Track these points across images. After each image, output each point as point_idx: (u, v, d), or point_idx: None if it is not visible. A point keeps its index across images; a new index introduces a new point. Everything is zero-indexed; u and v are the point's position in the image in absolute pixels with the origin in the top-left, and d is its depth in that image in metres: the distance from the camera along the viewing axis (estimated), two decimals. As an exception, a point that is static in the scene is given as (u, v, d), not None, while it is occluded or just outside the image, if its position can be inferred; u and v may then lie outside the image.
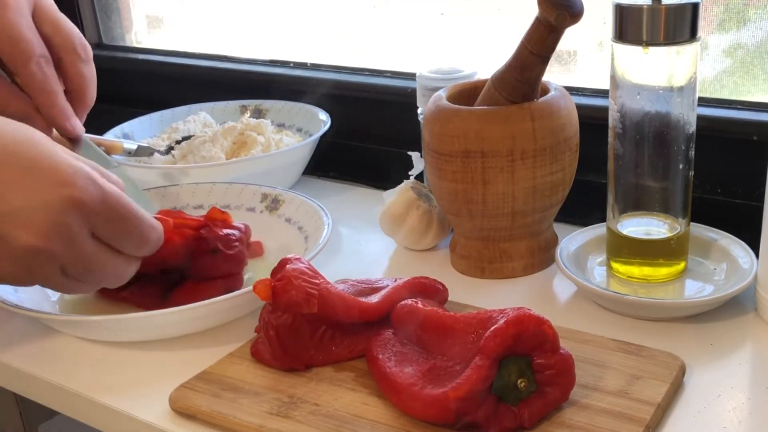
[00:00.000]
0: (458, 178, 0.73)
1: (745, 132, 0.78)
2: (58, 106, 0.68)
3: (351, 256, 0.85)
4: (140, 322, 0.68)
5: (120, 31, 1.35)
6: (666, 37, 0.64)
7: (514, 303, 0.64)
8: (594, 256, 0.76)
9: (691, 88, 0.67)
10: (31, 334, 0.73)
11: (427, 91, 0.85)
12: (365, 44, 1.12)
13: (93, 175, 0.54)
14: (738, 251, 0.73)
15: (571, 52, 0.96)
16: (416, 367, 0.58)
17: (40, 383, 0.68)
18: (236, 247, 0.72)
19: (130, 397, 0.63)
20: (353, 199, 1.00)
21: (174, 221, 0.71)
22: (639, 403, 0.56)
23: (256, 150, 0.96)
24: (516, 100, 0.73)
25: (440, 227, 0.83)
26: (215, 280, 0.72)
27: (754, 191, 0.79)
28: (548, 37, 0.69)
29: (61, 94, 0.69)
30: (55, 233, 0.53)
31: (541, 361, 0.55)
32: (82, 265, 0.56)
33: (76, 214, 0.53)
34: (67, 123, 0.69)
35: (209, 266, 0.72)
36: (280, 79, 1.12)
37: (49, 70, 0.68)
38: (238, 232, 0.73)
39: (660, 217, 0.71)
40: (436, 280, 0.69)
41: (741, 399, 0.58)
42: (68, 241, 0.54)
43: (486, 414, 0.54)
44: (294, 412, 0.58)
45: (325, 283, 0.63)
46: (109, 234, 0.56)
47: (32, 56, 0.66)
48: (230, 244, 0.72)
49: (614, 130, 0.70)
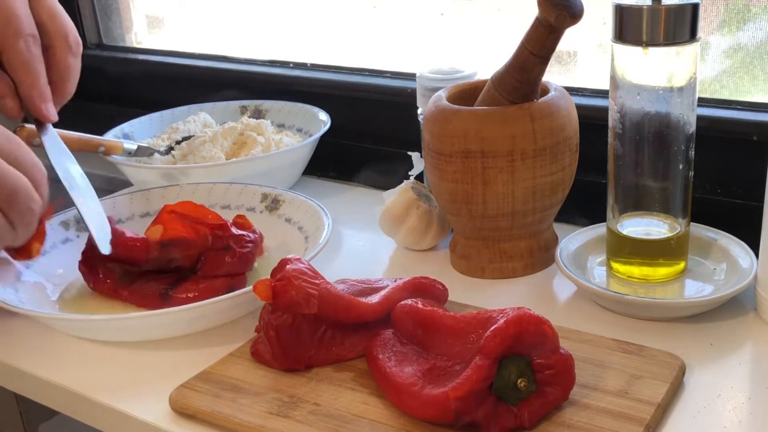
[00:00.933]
0: (458, 178, 0.73)
1: (745, 132, 0.78)
2: (38, 87, 0.68)
3: (351, 256, 0.85)
4: (140, 322, 0.68)
5: (120, 31, 1.35)
6: (666, 37, 0.64)
7: (514, 303, 0.64)
8: (594, 256, 0.76)
9: (691, 88, 0.67)
10: (31, 334, 0.73)
11: (427, 91, 0.85)
12: (365, 44, 1.12)
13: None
14: (738, 251, 0.73)
15: (571, 53, 0.96)
16: (416, 367, 0.58)
17: (40, 383, 0.68)
18: (248, 247, 0.74)
19: (130, 397, 0.63)
20: (353, 199, 1.00)
21: (191, 216, 0.73)
22: (639, 403, 0.56)
23: (256, 150, 0.96)
24: (516, 101, 0.73)
25: (440, 227, 0.83)
26: (219, 278, 0.72)
27: (754, 191, 0.79)
28: (548, 37, 0.69)
29: (43, 76, 0.69)
30: None
31: (541, 360, 0.55)
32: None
33: None
34: (44, 105, 0.69)
35: (217, 263, 0.73)
36: (280, 79, 1.12)
37: (36, 50, 0.67)
38: (253, 234, 0.75)
39: (660, 217, 0.71)
40: (436, 280, 0.69)
41: (741, 399, 0.58)
42: None
43: (486, 414, 0.54)
44: (294, 412, 0.58)
45: (325, 284, 0.63)
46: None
47: (21, 34, 0.66)
48: (242, 242, 0.74)
49: (614, 131, 0.70)
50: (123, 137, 1.03)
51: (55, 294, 0.77)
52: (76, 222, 0.84)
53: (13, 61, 0.67)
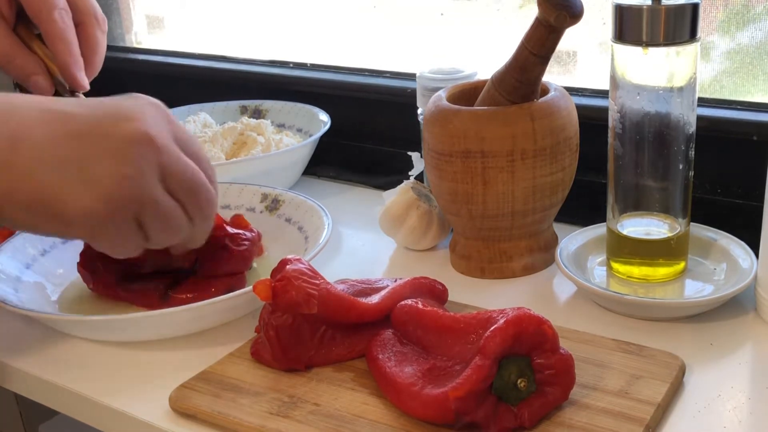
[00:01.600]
0: (458, 178, 0.73)
1: (745, 132, 0.78)
2: (74, 55, 0.70)
3: (351, 256, 0.85)
4: (140, 322, 0.68)
5: (120, 31, 1.35)
6: (666, 37, 0.64)
7: (514, 303, 0.64)
8: (594, 256, 0.76)
9: (691, 88, 0.67)
10: (31, 334, 0.73)
11: (427, 91, 0.85)
12: (365, 44, 1.12)
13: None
14: (738, 251, 0.73)
15: (571, 53, 0.96)
16: (416, 367, 0.58)
17: (40, 383, 0.68)
18: (244, 245, 0.74)
19: (130, 397, 0.63)
20: (353, 199, 1.00)
21: None
22: (639, 403, 0.56)
23: (256, 150, 0.96)
24: (516, 101, 0.73)
25: (440, 227, 0.83)
26: (218, 278, 0.72)
27: (754, 191, 0.79)
28: (548, 37, 0.69)
29: (77, 45, 0.71)
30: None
31: (541, 361, 0.55)
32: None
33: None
34: (79, 74, 0.70)
35: (215, 262, 0.73)
36: (280, 79, 1.12)
37: (69, 22, 0.70)
38: (250, 233, 0.75)
39: (660, 217, 0.71)
40: (436, 280, 0.69)
41: (741, 399, 0.58)
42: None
43: (486, 414, 0.54)
44: (294, 412, 0.58)
45: (325, 284, 0.63)
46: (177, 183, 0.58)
47: (56, 6, 0.69)
48: (239, 241, 0.74)
49: (614, 131, 0.70)
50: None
51: (55, 294, 0.77)
52: (76, 222, 0.84)
53: (50, 32, 0.69)
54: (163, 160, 0.56)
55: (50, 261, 0.79)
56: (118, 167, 0.54)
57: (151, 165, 0.55)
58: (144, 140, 0.55)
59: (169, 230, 0.59)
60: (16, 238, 0.79)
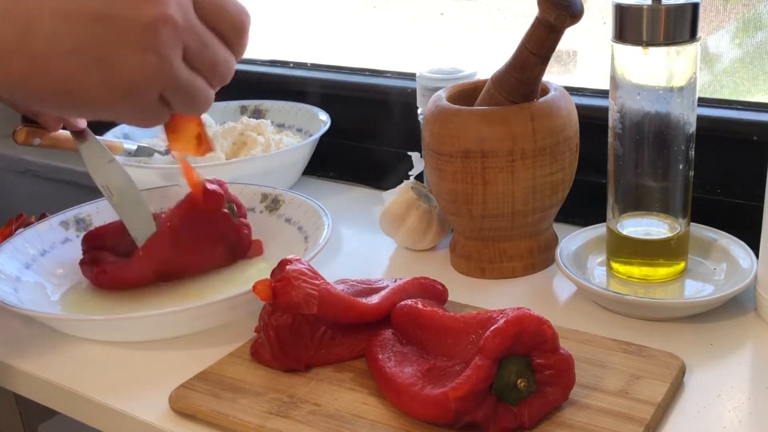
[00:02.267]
0: (458, 178, 0.73)
1: (745, 132, 0.78)
2: None
3: (351, 256, 0.85)
4: (140, 322, 0.68)
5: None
6: (666, 37, 0.64)
7: (514, 303, 0.64)
8: (594, 256, 0.76)
9: (691, 88, 0.67)
10: (30, 334, 0.73)
11: (427, 91, 0.85)
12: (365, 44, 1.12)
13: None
14: (738, 251, 0.73)
15: (571, 52, 0.96)
16: (416, 367, 0.58)
17: (40, 383, 0.68)
18: (242, 221, 0.79)
19: (130, 397, 0.63)
20: (353, 199, 1.00)
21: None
22: (639, 403, 0.56)
23: (256, 150, 0.96)
24: (516, 100, 0.73)
25: (440, 227, 0.83)
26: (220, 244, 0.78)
27: (754, 191, 0.79)
28: (548, 37, 0.69)
29: None
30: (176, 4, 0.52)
31: (541, 361, 0.55)
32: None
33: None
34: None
35: (212, 225, 0.77)
36: (280, 79, 1.12)
37: None
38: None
39: (660, 217, 0.71)
40: (436, 280, 0.69)
41: (741, 399, 0.58)
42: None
43: (486, 414, 0.54)
44: (294, 412, 0.58)
45: (325, 284, 0.63)
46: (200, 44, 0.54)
47: None
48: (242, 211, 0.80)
49: (614, 130, 0.70)
50: (123, 137, 1.02)
51: (55, 294, 0.77)
52: (75, 222, 0.84)
53: None
54: (186, 38, 0.52)
55: (50, 261, 0.79)
56: (140, 54, 0.50)
57: (174, 48, 0.52)
58: (167, 23, 0.51)
59: (194, 105, 0.56)
60: (16, 238, 0.79)
